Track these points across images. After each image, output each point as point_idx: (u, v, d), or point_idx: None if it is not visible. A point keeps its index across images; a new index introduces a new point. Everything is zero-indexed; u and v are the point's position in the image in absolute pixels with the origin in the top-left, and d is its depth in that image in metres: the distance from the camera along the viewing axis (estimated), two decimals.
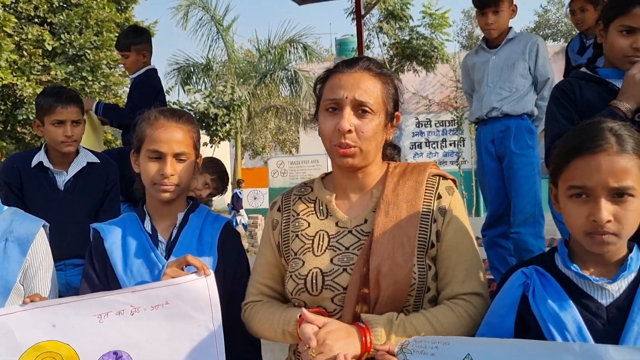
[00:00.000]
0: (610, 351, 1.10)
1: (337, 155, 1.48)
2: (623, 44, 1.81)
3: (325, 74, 1.57)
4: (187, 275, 1.53)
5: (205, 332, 1.52)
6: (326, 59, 19.34)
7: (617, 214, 1.18)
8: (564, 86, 2.00)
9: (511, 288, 1.30)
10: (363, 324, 1.36)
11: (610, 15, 1.86)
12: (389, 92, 1.53)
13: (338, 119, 1.47)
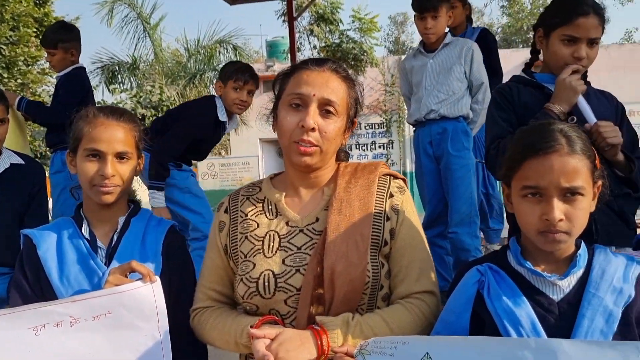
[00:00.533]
0: (563, 345, 1.14)
1: (297, 153, 1.44)
2: (565, 52, 1.88)
3: (291, 68, 1.53)
4: (132, 283, 1.44)
5: (152, 342, 1.44)
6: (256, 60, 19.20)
7: (568, 213, 1.22)
8: (503, 90, 2.07)
9: (466, 286, 1.32)
10: (318, 327, 1.33)
11: (553, 24, 1.91)
12: (353, 97, 1.52)
13: (302, 115, 1.43)
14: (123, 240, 1.62)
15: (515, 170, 1.28)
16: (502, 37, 30.82)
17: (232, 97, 3.38)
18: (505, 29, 30.67)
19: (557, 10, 1.94)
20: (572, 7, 1.87)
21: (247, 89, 3.39)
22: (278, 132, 1.50)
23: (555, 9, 1.95)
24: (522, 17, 28.88)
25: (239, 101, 3.39)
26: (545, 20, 1.97)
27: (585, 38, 1.87)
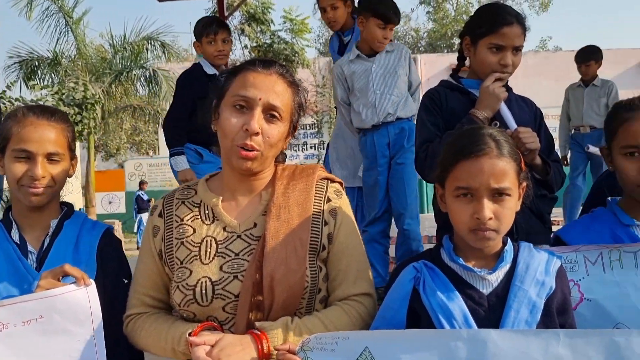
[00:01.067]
0: (492, 335, 1.22)
1: (238, 157, 1.42)
2: (492, 60, 1.98)
3: (236, 68, 1.50)
4: (65, 286, 1.39)
5: (86, 347, 1.40)
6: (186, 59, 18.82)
7: (496, 212, 1.30)
8: (432, 95, 2.15)
9: (403, 282, 1.38)
10: (258, 331, 1.33)
11: (480, 33, 2.00)
12: (297, 102, 1.52)
13: (247, 118, 1.41)
14: (55, 244, 1.56)
15: (449, 172, 1.35)
16: (427, 41, 31.83)
17: (209, 51, 3.54)
18: (430, 34, 31.66)
19: (483, 20, 2.03)
20: (497, 17, 1.98)
21: (220, 39, 3.53)
22: (220, 133, 1.47)
23: (481, 19, 2.05)
24: (447, 23, 29.89)
25: (217, 52, 3.54)
26: (472, 29, 2.06)
27: (510, 46, 1.97)
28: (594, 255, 1.52)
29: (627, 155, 1.56)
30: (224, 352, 1.28)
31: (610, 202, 1.68)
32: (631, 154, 1.55)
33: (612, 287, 1.48)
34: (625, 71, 16.14)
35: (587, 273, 1.51)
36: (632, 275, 1.48)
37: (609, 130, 1.63)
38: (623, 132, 1.57)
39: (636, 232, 1.58)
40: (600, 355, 1.18)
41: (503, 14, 1.98)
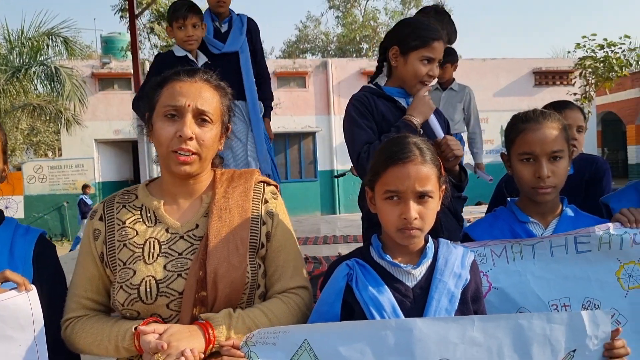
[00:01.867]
0: (417, 323, 1.37)
1: (176, 163, 1.50)
2: (423, 71, 2.21)
3: (161, 79, 1.57)
4: (6, 292, 1.39)
5: (28, 352, 1.40)
6: (89, 56, 18.00)
7: (421, 212, 1.45)
8: (362, 98, 2.29)
9: (337, 279, 1.50)
10: (203, 321, 1.41)
11: (412, 46, 2.20)
12: (225, 104, 1.61)
13: (179, 125, 1.49)
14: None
15: (379, 177, 1.49)
16: (337, 46, 32.45)
17: (179, 36, 3.65)
18: (340, 39, 32.32)
19: (414, 34, 2.22)
20: (429, 32, 2.20)
21: (189, 24, 3.60)
22: (155, 143, 1.55)
23: (412, 33, 2.23)
24: (355, 28, 30.62)
25: (187, 37, 3.62)
26: (402, 41, 2.24)
27: (438, 59, 2.22)
28: (499, 249, 1.73)
29: (523, 161, 1.77)
30: (173, 337, 1.35)
31: (510, 202, 1.90)
32: (527, 159, 1.76)
33: (514, 276, 1.70)
34: (519, 79, 17.41)
35: (494, 265, 1.71)
36: (530, 265, 1.70)
37: (508, 138, 1.84)
38: (520, 140, 1.77)
39: (531, 227, 1.80)
40: (508, 336, 1.37)
41: (433, 30, 2.22)
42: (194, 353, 1.33)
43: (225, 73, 3.20)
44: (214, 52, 3.73)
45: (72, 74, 13.92)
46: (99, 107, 15.98)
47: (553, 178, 1.72)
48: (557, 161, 1.74)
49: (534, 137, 1.74)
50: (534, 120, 1.77)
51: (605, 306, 1.64)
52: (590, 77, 12.32)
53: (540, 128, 1.74)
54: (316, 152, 17.64)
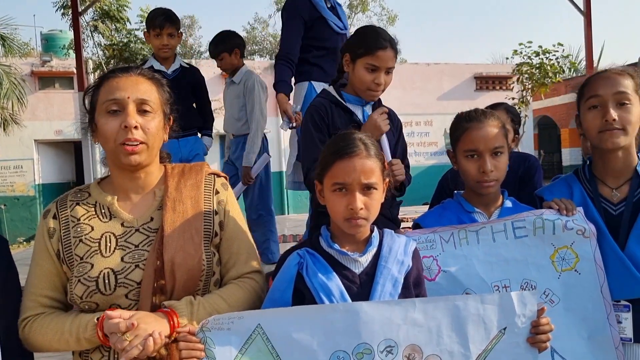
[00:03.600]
0: (364, 306, 1.47)
1: (125, 154, 1.54)
2: (368, 78, 2.28)
3: (98, 80, 1.63)
4: None
5: None
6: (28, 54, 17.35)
7: (366, 203, 1.56)
8: (320, 110, 2.34)
9: (289, 267, 1.58)
10: (167, 309, 1.47)
11: (359, 54, 2.28)
12: (164, 96, 1.67)
13: (122, 117, 1.54)
14: None
15: (327, 170, 1.59)
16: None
17: (155, 44, 3.86)
18: None
19: (362, 42, 2.30)
20: (375, 41, 2.26)
21: (165, 33, 3.80)
22: (101, 140, 1.59)
23: (360, 41, 2.32)
24: None
25: (162, 46, 3.82)
26: (352, 48, 2.33)
27: (384, 67, 2.27)
28: (447, 235, 1.88)
29: (468, 157, 1.91)
30: (141, 320, 1.40)
31: (456, 194, 2.05)
32: (471, 155, 1.91)
33: (461, 260, 1.84)
34: (461, 84, 17.98)
35: (443, 250, 1.86)
36: (475, 250, 1.85)
37: (453, 136, 1.98)
38: (464, 138, 1.92)
39: (476, 217, 1.95)
40: (446, 316, 1.49)
41: (379, 38, 2.27)
42: (161, 336, 1.39)
43: None
44: (336, 30, 3.52)
45: (9, 72, 13.39)
46: (39, 106, 15.42)
47: (495, 172, 1.88)
48: (499, 156, 1.89)
49: (477, 135, 1.89)
50: (476, 119, 1.91)
51: (540, 287, 1.82)
52: (526, 82, 12.86)
53: (483, 127, 1.89)
54: None
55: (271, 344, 1.44)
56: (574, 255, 1.83)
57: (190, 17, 34.93)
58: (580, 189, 1.97)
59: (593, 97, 1.87)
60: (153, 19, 3.81)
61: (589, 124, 1.89)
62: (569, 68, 14.28)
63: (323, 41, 3.51)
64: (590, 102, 1.88)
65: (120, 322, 1.38)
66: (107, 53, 13.82)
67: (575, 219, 1.85)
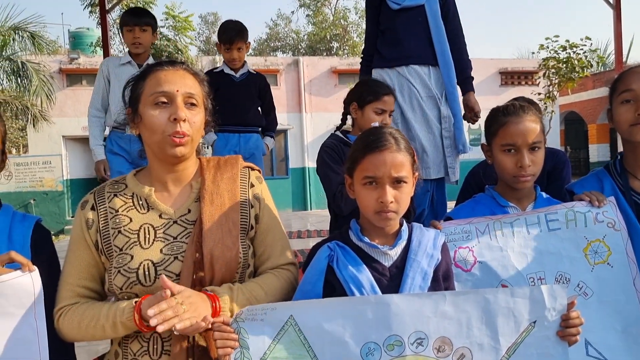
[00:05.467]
0: (394, 298, 1.48)
1: (171, 145, 1.57)
2: (376, 120, 2.58)
3: (143, 72, 1.65)
4: (12, 272, 1.46)
5: (28, 330, 1.48)
6: (56, 52, 17.67)
7: (396, 197, 1.57)
8: (333, 147, 2.69)
9: (319, 259, 1.61)
10: (210, 293, 1.51)
11: (367, 100, 2.67)
12: (206, 91, 1.70)
13: (171, 109, 1.56)
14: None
15: (357, 164, 1.61)
16: (308, 44, 32.51)
17: (225, 57, 4.18)
18: (310, 37, 32.39)
19: (369, 91, 2.68)
20: (380, 89, 2.68)
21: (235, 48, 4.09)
22: (147, 132, 1.61)
23: (367, 90, 2.69)
24: (326, 27, 30.72)
25: (231, 59, 4.13)
26: (359, 97, 2.70)
27: (389, 110, 2.68)
28: (483, 226, 1.88)
29: (505, 152, 1.91)
30: (188, 299, 1.42)
31: (489, 188, 2.05)
32: (508, 150, 1.90)
33: (497, 251, 1.85)
34: (486, 79, 17.79)
35: (478, 241, 1.86)
36: (510, 241, 1.86)
37: (489, 131, 1.99)
38: (502, 132, 1.91)
39: (510, 211, 1.95)
40: (475, 309, 1.50)
41: (383, 86, 2.71)
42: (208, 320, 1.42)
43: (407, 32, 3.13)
44: (393, 7, 3.16)
45: (39, 69, 13.68)
46: (67, 103, 15.72)
47: (533, 167, 1.88)
48: (536, 151, 1.89)
49: (515, 130, 1.88)
50: (514, 113, 1.91)
51: (574, 280, 1.82)
52: (553, 77, 12.69)
53: (521, 121, 1.88)
54: (288, 150, 17.70)
55: (303, 335, 1.47)
56: (606, 248, 1.83)
57: (214, 14, 35.23)
58: (611, 182, 1.97)
59: (626, 92, 1.89)
60: (223, 33, 4.10)
61: (621, 118, 1.91)
62: (597, 62, 14.02)
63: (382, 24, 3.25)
64: (623, 97, 1.90)
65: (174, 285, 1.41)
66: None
67: (606, 210, 1.86)
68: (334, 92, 17.70)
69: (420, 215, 2.90)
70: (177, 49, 13.86)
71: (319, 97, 17.73)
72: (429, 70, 3.13)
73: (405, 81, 3.09)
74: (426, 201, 3.03)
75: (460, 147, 3.15)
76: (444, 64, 3.11)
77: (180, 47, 14.11)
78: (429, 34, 3.12)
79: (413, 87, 3.08)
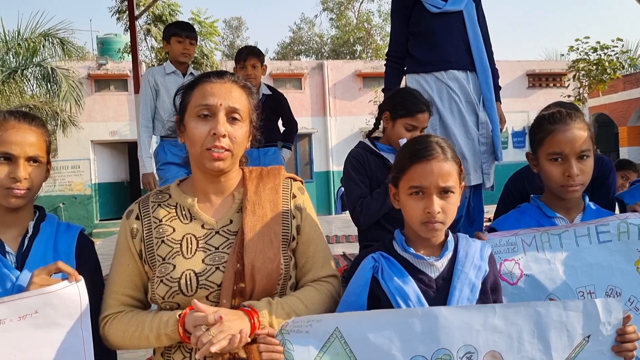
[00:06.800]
0: (442, 311, 1.45)
1: (210, 159, 1.56)
2: (406, 135, 2.54)
3: (192, 82, 1.65)
4: (59, 283, 1.47)
5: (74, 339, 1.48)
6: (83, 58, 17.97)
7: (444, 207, 1.54)
8: (358, 155, 2.64)
9: (364, 270, 1.58)
10: (248, 308, 1.49)
11: (400, 114, 2.58)
12: (253, 103, 1.68)
13: (212, 124, 1.56)
14: (34, 244, 1.61)
15: (403, 173, 1.58)
16: (331, 48, 32.57)
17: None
18: (334, 40, 32.44)
19: (403, 104, 2.59)
20: (415, 105, 2.57)
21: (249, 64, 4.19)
22: (189, 142, 1.62)
23: (402, 103, 2.60)
24: (349, 30, 30.73)
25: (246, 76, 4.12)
26: (393, 108, 2.62)
27: (420, 127, 2.58)
28: (529, 238, 1.82)
29: (552, 161, 1.85)
30: (226, 317, 1.42)
31: (534, 198, 1.99)
32: (555, 159, 1.84)
33: (544, 264, 1.79)
34: (513, 81, 17.57)
35: (525, 253, 1.81)
36: (558, 254, 1.80)
37: (535, 139, 1.92)
38: (549, 141, 1.85)
39: (557, 222, 1.89)
40: (527, 323, 1.45)
41: (419, 103, 2.59)
42: (246, 334, 1.41)
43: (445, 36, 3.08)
44: (432, 10, 3.06)
45: (68, 75, 13.92)
46: (95, 108, 15.99)
47: (581, 176, 1.81)
48: (585, 160, 1.82)
49: (563, 138, 1.82)
50: (562, 121, 1.84)
51: (625, 293, 1.76)
52: (583, 79, 12.47)
53: (569, 129, 1.82)
54: (312, 154, 17.72)
55: (349, 347, 1.44)
56: None
57: (238, 18, 35.52)
58: None
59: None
60: (237, 54, 4.26)
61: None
62: (629, 64, 13.74)
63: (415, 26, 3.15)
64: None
65: (208, 314, 1.40)
66: (160, 56, 14.16)
67: None
68: (358, 96, 17.67)
69: (457, 222, 2.85)
70: (202, 54, 13.98)
71: (343, 101, 17.72)
72: (467, 75, 3.07)
73: (444, 86, 3.01)
74: (463, 208, 2.98)
75: (498, 154, 3.09)
76: (482, 70, 3.06)
77: (206, 52, 14.22)
78: (466, 39, 3.06)
79: (453, 92, 3.00)
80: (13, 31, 13.92)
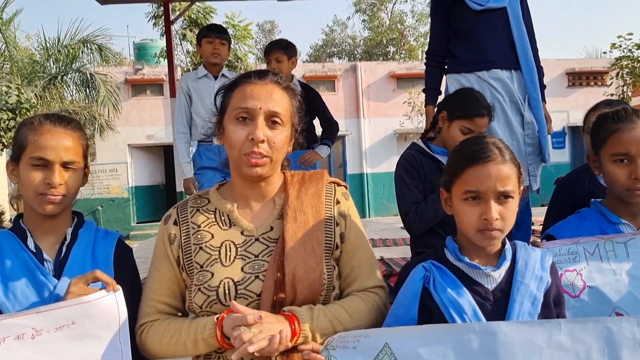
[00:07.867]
0: (502, 327, 1.33)
1: (247, 165, 1.49)
2: (461, 139, 2.28)
3: (232, 83, 1.57)
4: (96, 292, 1.41)
5: (112, 351, 1.42)
6: (120, 63, 18.31)
7: (502, 213, 1.42)
8: (411, 158, 2.54)
9: (414, 281, 1.47)
10: (288, 314, 1.42)
11: (458, 116, 2.44)
12: (295, 106, 1.59)
13: (250, 128, 1.48)
14: (72, 252, 1.57)
15: (457, 177, 1.47)
16: (364, 49, 32.40)
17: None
18: (367, 42, 32.24)
19: (462, 105, 2.45)
20: (475, 108, 2.42)
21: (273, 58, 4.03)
22: (227, 146, 1.54)
23: (461, 104, 2.46)
24: (382, 32, 30.50)
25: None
26: (451, 108, 2.48)
27: (478, 131, 2.41)
28: (592, 247, 1.69)
29: (617, 162, 1.72)
30: (266, 318, 1.36)
31: (595, 203, 1.86)
32: (620, 160, 1.72)
33: (609, 274, 1.65)
34: (552, 80, 17.14)
35: (587, 263, 1.67)
36: (625, 264, 1.66)
37: (598, 139, 1.79)
38: (613, 141, 1.72)
39: (623, 229, 1.75)
40: (596, 340, 1.33)
41: (480, 107, 2.44)
42: (287, 337, 1.34)
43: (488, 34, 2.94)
44: (474, 7, 2.94)
45: (106, 80, 14.20)
46: (132, 112, 16.24)
47: None
48: None
49: (629, 137, 1.69)
50: (627, 119, 1.72)
51: None
52: (627, 77, 12.05)
53: (635, 127, 1.70)
54: (346, 156, 17.60)
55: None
56: None
57: (271, 22, 35.68)
58: None
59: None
60: (265, 49, 4.18)
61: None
62: None
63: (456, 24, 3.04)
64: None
65: (248, 315, 1.34)
66: (195, 60, 14.30)
67: None
68: (392, 97, 17.48)
69: None
70: (236, 57, 14.05)
71: (377, 102, 17.56)
72: (511, 74, 2.93)
73: (487, 85, 2.87)
74: None
75: (545, 156, 2.93)
76: (527, 69, 2.91)
77: (240, 56, 14.30)
78: (510, 36, 2.92)
79: (496, 91, 2.87)
80: (53, 38, 14.33)
